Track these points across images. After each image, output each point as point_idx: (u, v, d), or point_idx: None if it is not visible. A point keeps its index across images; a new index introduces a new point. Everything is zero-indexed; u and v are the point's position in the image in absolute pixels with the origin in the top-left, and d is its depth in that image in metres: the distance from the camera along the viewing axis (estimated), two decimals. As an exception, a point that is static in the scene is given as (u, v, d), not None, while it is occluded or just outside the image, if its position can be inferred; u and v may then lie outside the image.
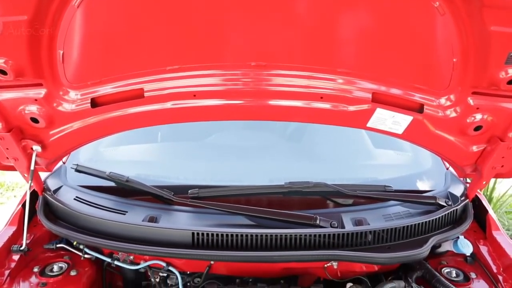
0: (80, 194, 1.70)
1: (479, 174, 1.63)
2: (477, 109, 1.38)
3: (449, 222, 1.67)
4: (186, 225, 1.51)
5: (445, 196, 1.75)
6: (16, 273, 1.55)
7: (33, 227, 1.73)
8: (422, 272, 1.58)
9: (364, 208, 1.65)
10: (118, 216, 1.56)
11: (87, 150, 2.01)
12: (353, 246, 1.47)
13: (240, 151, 2.03)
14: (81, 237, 1.52)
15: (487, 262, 1.71)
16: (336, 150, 2.09)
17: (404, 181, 1.89)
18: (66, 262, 1.62)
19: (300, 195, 1.64)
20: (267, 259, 1.41)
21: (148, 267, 1.57)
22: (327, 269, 1.51)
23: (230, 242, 1.44)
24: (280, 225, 1.49)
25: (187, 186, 1.66)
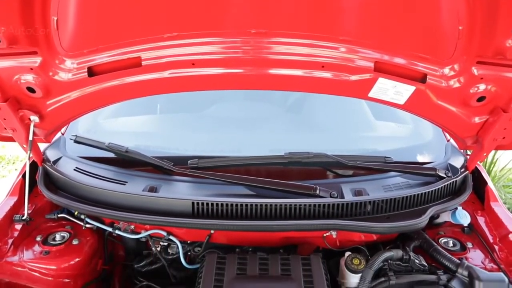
0: (80, 164, 1.70)
1: (480, 145, 1.62)
2: (481, 79, 1.35)
3: (448, 193, 1.68)
4: (186, 195, 1.52)
5: (445, 168, 1.75)
6: (19, 241, 1.57)
7: (34, 197, 1.74)
8: (419, 242, 1.61)
9: (364, 179, 1.65)
10: (118, 186, 1.56)
11: (85, 121, 2.00)
12: (353, 216, 1.48)
13: (239, 122, 2.01)
14: (81, 207, 1.53)
15: (484, 233, 1.73)
16: (336, 121, 2.07)
17: (404, 152, 1.88)
18: (68, 231, 1.64)
19: (300, 166, 1.64)
20: (266, 228, 1.43)
21: (149, 237, 1.59)
22: (326, 239, 1.53)
23: (230, 211, 1.45)
24: (280, 195, 1.50)
25: (186, 157, 1.65)
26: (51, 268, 1.50)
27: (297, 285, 1.33)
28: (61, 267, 1.51)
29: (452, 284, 1.42)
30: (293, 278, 1.36)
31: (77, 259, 1.54)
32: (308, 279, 1.36)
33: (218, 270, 1.38)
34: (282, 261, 1.43)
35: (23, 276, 1.48)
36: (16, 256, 1.51)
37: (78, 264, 1.53)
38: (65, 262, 1.52)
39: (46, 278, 1.49)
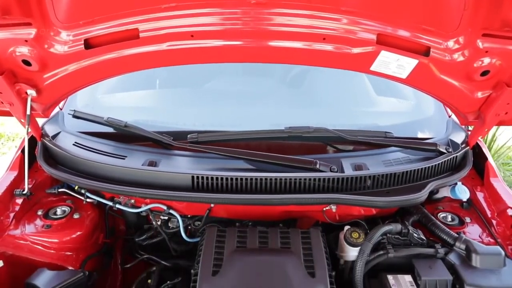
0: (79, 139, 1.70)
1: (482, 121, 1.61)
2: (486, 52, 1.32)
3: (448, 168, 1.68)
4: (185, 169, 1.52)
5: (446, 143, 1.75)
6: (21, 215, 1.58)
7: (34, 172, 1.74)
8: (418, 216, 1.62)
9: (364, 154, 1.65)
10: (117, 160, 1.56)
11: (84, 96, 1.98)
12: (352, 191, 1.49)
13: (239, 96, 1.99)
14: (81, 181, 1.54)
15: (482, 208, 1.74)
16: (337, 96, 2.05)
17: (405, 128, 1.87)
18: (68, 206, 1.65)
19: (300, 140, 1.63)
20: (266, 202, 1.43)
21: (149, 211, 1.60)
22: (325, 213, 1.54)
23: (229, 185, 1.45)
24: (280, 169, 1.50)
25: (186, 132, 1.64)
26: (53, 241, 1.52)
27: (297, 258, 1.34)
28: (62, 240, 1.52)
29: (450, 257, 1.43)
30: (292, 251, 1.37)
31: (78, 233, 1.55)
32: (307, 252, 1.37)
33: (218, 243, 1.40)
34: (282, 235, 1.45)
35: (26, 249, 1.50)
36: (18, 230, 1.52)
37: (79, 237, 1.55)
38: (66, 236, 1.53)
39: (49, 251, 1.51)
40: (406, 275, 1.40)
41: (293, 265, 1.31)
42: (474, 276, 1.35)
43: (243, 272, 1.28)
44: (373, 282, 1.42)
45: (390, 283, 1.37)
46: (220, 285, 1.25)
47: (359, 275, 1.36)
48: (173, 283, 1.48)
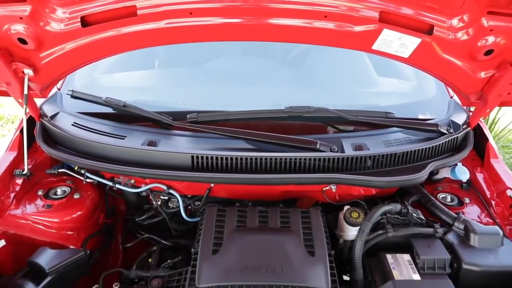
0: (78, 120, 1.68)
1: (484, 101, 1.59)
2: (491, 31, 1.30)
3: (448, 149, 1.68)
4: (185, 149, 1.51)
5: (447, 124, 1.74)
6: (21, 195, 1.59)
7: (34, 153, 1.74)
8: (418, 197, 1.62)
9: (365, 134, 1.64)
10: (117, 140, 1.55)
11: (82, 77, 1.96)
12: (352, 171, 1.49)
13: (239, 76, 1.97)
14: (81, 161, 1.53)
15: (482, 188, 1.75)
16: (338, 77, 2.02)
17: (407, 108, 1.86)
18: (69, 186, 1.65)
19: (300, 121, 1.62)
20: (266, 182, 1.43)
21: (149, 191, 1.60)
22: (325, 193, 1.54)
23: (229, 165, 1.45)
24: (280, 149, 1.49)
25: (185, 112, 1.63)
26: (54, 221, 1.52)
27: (296, 237, 1.35)
28: (63, 220, 1.53)
29: (448, 237, 1.44)
30: (292, 230, 1.38)
31: (79, 213, 1.56)
32: (307, 231, 1.38)
33: (218, 222, 1.40)
34: (282, 214, 1.45)
35: (27, 228, 1.51)
36: (19, 210, 1.53)
37: (80, 217, 1.56)
38: (67, 215, 1.54)
39: (50, 230, 1.52)
40: (404, 254, 1.42)
41: (292, 244, 1.32)
42: (472, 255, 1.37)
43: (243, 250, 1.29)
44: (372, 261, 1.44)
45: (388, 262, 1.38)
46: (220, 263, 1.26)
47: (358, 254, 1.38)
48: (174, 262, 1.49)
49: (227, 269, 1.24)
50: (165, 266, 1.47)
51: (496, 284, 1.33)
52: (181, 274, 1.31)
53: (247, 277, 1.22)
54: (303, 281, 1.22)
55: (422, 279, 1.32)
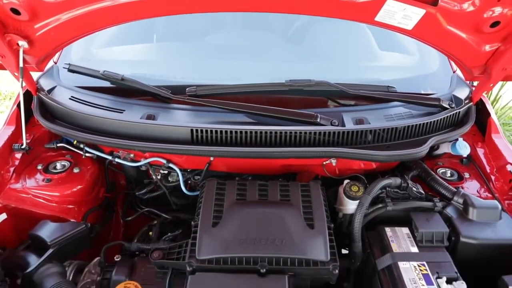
0: (75, 93, 1.66)
1: (488, 75, 1.57)
2: (498, 1, 1.26)
3: (450, 124, 1.67)
4: (184, 122, 1.50)
5: (449, 99, 1.72)
6: (21, 170, 1.58)
7: (32, 127, 1.73)
8: (418, 171, 1.62)
9: (366, 108, 1.62)
10: (115, 114, 1.53)
11: (78, 50, 1.93)
12: (353, 145, 1.48)
13: (239, 50, 1.93)
14: (80, 135, 1.52)
15: (482, 164, 1.74)
16: (339, 51, 1.99)
17: (408, 83, 1.83)
18: (68, 160, 1.65)
19: (300, 94, 1.60)
20: (266, 155, 1.42)
21: (149, 165, 1.60)
22: (325, 167, 1.54)
23: (229, 138, 1.44)
24: (280, 123, 1.48)
25: (184, 86, 1.60)
26: (55, 195, 1.53)
27: (296, 210, 1.36)
28: (64, 194, 1.54)
29: (447, 211, 1.45)
30: (292, 203, 1.38)
31: (79, 187, 1.56)
32: (306, 205, 1.38)
33: (218, 196, 1.40)
34: (281, 187, 1.45)
35: (28, 202, 1.51)
36: (19, 184, 1.53)
37: (80, 191, 1.56)
38: (67, 189, 1.54)
39: (50, 204, 1.53)
40: (403, 228, 1.43)
41: (292, 217, 1.32)
42: (470, 228, 1.37)
43: (243, 223, 1.30)
44: (371, 234, 1.45)
45: (387, 235, 1.39)
46: (220, 235, 1.27)
47: (357, 227, 1.38)
48: (174, 235, 1.50)
49: (227, 241, 1.25)
50: (165, 239, 1.48)
51: (493, 256, 1.34)
52: (181, 247, 1.32)
53: (246, 249, 1.23)
54: (303, 253, 1.23)
55: (420, 252, 1.33)
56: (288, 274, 1.21)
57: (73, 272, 1.41)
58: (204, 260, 1.22)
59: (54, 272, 1.31)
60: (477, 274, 1.28)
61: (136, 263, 1.40)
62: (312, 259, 1.22)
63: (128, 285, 1.30)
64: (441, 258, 1.31)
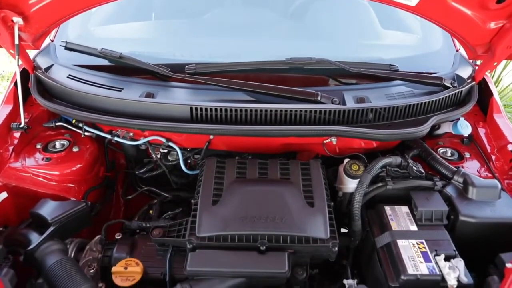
0: (73, 72, 1.64)
1: (492, 54, 1.54)
2: None
3: (452, 103, 1.65)
4: (184, 100, 1.48)
5: (452, 78, 1.70)
6: (20, 149, 1.58)
7: (30, 106, 1.71)
8: (418, 151, 1.62)
9: (367, 87, 1.60)
10: (114, 92, 1.51)
11: (75, 28, 1.89)
12: (354, 123, 1.46)
13: (239, 28, 1.89)
14: (78, 114, 1.51)
15: (483, 143, 1.74)
16: (341, 29, 1.95)
17: (411, 62, 1.80)
18: (67, 139, 1.64)
19: (301, 73, 1.58)
20: (266, 133, 1.41)
21: (149, 144, 1.59)
22: (326, 145, 1.53)
23: (229, 116, 1.43)
24: (280, 101, 1.46)
25: (183, 64, 1.58)
26: (54, 173, 1.53)
27: (296, 188, 1.36)
28: (63, 172, 1.54)
29: (447, 190, 1.45)
30: (292, 182, 1.38)
31: (78, 166, 1.56)
32: (306, 183, 1.38)
33: (218, 174, 1.40)
34: (282, 166, 1.45)
35: (28, 181, 1.51)
36: (19, 163, 1.53)
37: (80, 170, 1.56)
38: (67, 168, 1.54)
39: (51, 183, 1.53)
40: (403, 206, 1.43)
41: (292, 195, 1.32)
42: (469, 207, 1.38)
43: (243, 201, 1.30)
44: (370, 213, 1.45)
45: (387, 214, 1.40)
46: (220, 213, 1.27)
47: (357, 205, 1.39)
48: (174, 213, 1.51)
49: (226, 219, 1.25)
50: (165, 217, 1.49)
51: (491, 235, 1.35)
52: (181, 224, 1.33)
53: (246, 227, 1.23)
54: (303, 231, 1.23)
55: (419, 230, 1.34)
56: (287, 252, 1.22)
57: (74, 250, 1.43)
58: (204, 238, 1.23)
59: (56, 249, 1.32)
60: (475, 252, 1.30)
61: (136, 241, 1.42)
62: (311, 236, 1.23)
63: (129, 262, 1.31)
64: (439, 236, 1.32)
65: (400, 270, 1.21)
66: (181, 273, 1.26)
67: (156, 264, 1.33)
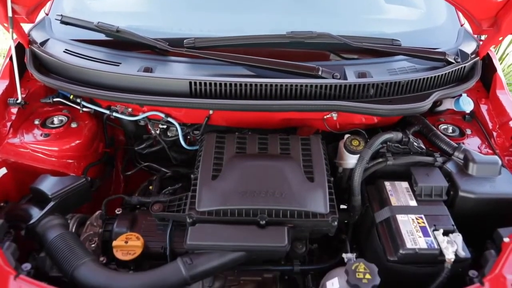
0: (69, 46, 1.61)
1: (497, 28, 1.51)
2: None
3: (454, 79, 1.63)
4: (183, 75, 1.46)
5: (455, 53, 1.67)
6: (18, 125, 1.57)
7: (26, 82, 1.69)
8: (419, 127, 1.61)
9: (369, 62, 1.57)
10: (111, 67, 1.49)
11: (70, 1, 1.84)
12: (355, 99, 1.45)
13: (239, 2, 1.85)
14: (76, 89, 1.49)
15: (485, 120, 1.72)
16: (343, 3, 1.91)
17: (414, 36, 1.77)
18: (65, 115, 1.63)
19: (302, 47, 1.55)
20: (266, 108, 1.39)
21: (148, 119, 1.57)
22: (326, 121, 1.52)
23: (228, 91, 1.41)
24: (281, 76, 1.44)
25: (182, 38, 1.55)
26: (53, 149, 1.52)
27: (296, 163, 1.35)
28: (62, 148, 1.53)
29: (447, 166, 1.45)
30: (292, 157, 1.38)
31: (77, 141, 1.55)
32: (307, 158, 1.38)
33: (218, 149, 1.39)
34: (282, 141, 1.44)
35: (27, 157, 1.51)
36: (17, 138, 1.52)
37: (79, 146, 1.55)
38: (66, 144, 1.54)
39: (50, 159, 1.52)
40: (402, 182, 1.43)
41: (292, 170, 1.32)
42: (469, 183, 1.38)
43: (242, 176, 1.29)
44: (370, 188, 1.45)
45: (387, 189, 1.40)
46: (220, 188, 1.27)
47: (357, 180, 1.38)
48: (174, 189, 1.51)
49: (226, 194, 1.25)
50: (165, 193, 1.49)
51: (490, 210, 1.36)
52: (181, 199, 1.33)
53: (246, 201, 1.23)
54: (302, 206, 1.23)
55: (419, 205, 1.34)
56: (287, 226, 1.22)
57: (75, 225, 1.43)
58: (204, 212, 1.23)
59: (56, 223, 1.32)
60: (474, 227, 1.30)
61: (137, 216, 1.42)
62: (311, 211, 1.23)
63: (130, 236, 1.32)
64: (439, 212, 1.33)
65: (399, 244, 1.22)
66: (181, 247, 1.27)
67: (157, 239, 1.34)
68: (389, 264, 1.23)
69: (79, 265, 1.17)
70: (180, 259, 1.19)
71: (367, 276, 1.10)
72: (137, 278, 1.18)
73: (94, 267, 1.18)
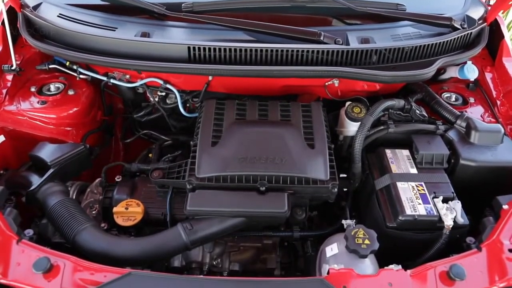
0: (63, 10, 1.56)
1: (507, -9, 1.46)
2: None
3: (460, 46, 1.59)
4: (181, 40, 1.42)
5: (462, 19, 1.62)
6: (14, 92, 1.54)
7: (21, 48, 1.65)
8: (422, 95, 1.58)
9: (372, 27, 1.53)
10: (108, 32, 1.45)
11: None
12: (357, 65, 1.41)
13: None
14: (71, 54, 1.45)
15: (489, 88, 1.69)
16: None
17: (419, 1, 1.71)
18: (62, 82, 1.60)
19: (304, 12, 1.50)
20: (266, 74, 1.36)
21: (146, 86, 1.55)
22: (327, 88, 1.49)
23: (228, 56, 1.37)
24: (282, 41, 1.40)
25: (179, 3, 1.50)
26: (51, 117, 1.51)
27: (296, 130, 1.34)
28: (60, 116, 1.51)
29: (449, 134, 1.43)
30: (292, 123, 1.36)
31: (75, 109, 1.53)
32: (307, 125, 1.36)
33: (217, 115, 1.38)
34: (282, 107, 1.42)
35: (25, 124, 1.49)
36: (14, 106, 1.50)
37: (76, 113, 1.54)
38: (63, 111, 1.52)
39: (48, 126, 1.51)
40: (403, 150, 1.42)
41: (292, 137, 1.31)
42: (470, 151, 1.37)
43: (242, 142, 1.28)
44: (371, 156, 1.45)
45: (387, 156, 1.39)
46: (219, 154, 1.26)
47: (358, 147, 1.37)
48: (173, 156, 1.50)
49: (226, 160, 1.24)
50: (165, 160, 1.48)
51: (490, 178, 1.35)
52: (181, 166, 1.33)
53: (246, 168, 1.23)
54: (303, 172, 1.23)
55: (419, 173, 1.34)
56: (287, 192, 1.22)
57: (75, 192, 1.44)
58: (203, 178, 1.23)
59: (57, 190, 1.32)
60: (474, 195, 1.30)
61: (137, 182, 1.42)
62: (311, 177, 1.23)
63: (130, 202, 1.33)
64: (439, 179, 1.33)
65: (398, 211, 1.22)
66: (181, 213, 1.28)
67: (157, 205, 1.35)
68: (388, 231, 1.23)
69: (80, 230, 1.18)
70: (180, 224, 1.20)
71: (366, 242, 1.11)
72: (138, 243, 1.19)
73: (96, 232, 1.19)
